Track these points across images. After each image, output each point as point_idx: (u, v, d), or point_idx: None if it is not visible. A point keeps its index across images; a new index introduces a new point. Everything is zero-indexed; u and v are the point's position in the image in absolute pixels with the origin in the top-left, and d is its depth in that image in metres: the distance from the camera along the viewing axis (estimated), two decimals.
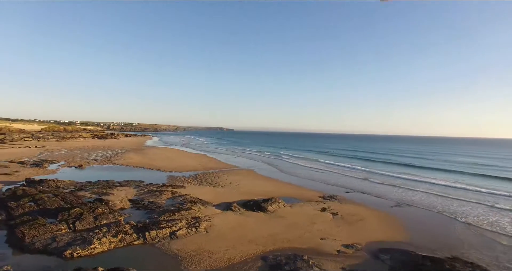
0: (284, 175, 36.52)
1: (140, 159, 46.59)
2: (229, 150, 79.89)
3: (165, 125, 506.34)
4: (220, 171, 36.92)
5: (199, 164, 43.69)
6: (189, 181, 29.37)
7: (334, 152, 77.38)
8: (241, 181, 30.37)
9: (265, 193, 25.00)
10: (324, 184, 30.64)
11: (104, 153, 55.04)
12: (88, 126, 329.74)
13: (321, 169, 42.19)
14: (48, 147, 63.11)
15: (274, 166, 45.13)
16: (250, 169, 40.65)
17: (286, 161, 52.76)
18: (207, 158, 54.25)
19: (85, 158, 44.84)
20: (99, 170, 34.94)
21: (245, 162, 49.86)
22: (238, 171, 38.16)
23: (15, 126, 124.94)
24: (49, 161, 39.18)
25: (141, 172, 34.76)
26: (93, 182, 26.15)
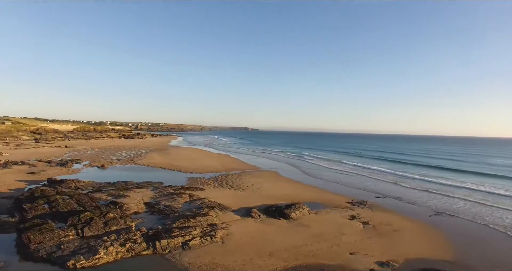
0: (308, 177, 34.59)
1: (162, 159, 46.44)
2: (252, 150, 78.70)
3: (191, 125, 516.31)
4: (242, 173, 35.67)
5: (221, 164, 42.74)
6: (209, 183, 28.33)
7: (360, 153, 73.83)
8: (263, 183, 28.90)
9: (288, 197, 23.39)
10: (351, 188, 28.44)
11: (128, 152, 55.70)
12: (117, 126, 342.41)
13: (347, 171, 39.75)
14: (76, 146, 65.09)
15: (297, 167, 43.25)
16: (272, 170, 39.09)
17: (310, 162, 50.61)
18: (230, 158, 53.30)
19: (109, 158, 45.34)
20: (120, 170, 34.88)
21: (267, 163, 48.35)
22: (261, 172, 36.73)
23: (50, 126, 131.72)
24: (74, 161, 39.83)
25: (161, 172, 34.28)
26: (112, 183, 25.78)
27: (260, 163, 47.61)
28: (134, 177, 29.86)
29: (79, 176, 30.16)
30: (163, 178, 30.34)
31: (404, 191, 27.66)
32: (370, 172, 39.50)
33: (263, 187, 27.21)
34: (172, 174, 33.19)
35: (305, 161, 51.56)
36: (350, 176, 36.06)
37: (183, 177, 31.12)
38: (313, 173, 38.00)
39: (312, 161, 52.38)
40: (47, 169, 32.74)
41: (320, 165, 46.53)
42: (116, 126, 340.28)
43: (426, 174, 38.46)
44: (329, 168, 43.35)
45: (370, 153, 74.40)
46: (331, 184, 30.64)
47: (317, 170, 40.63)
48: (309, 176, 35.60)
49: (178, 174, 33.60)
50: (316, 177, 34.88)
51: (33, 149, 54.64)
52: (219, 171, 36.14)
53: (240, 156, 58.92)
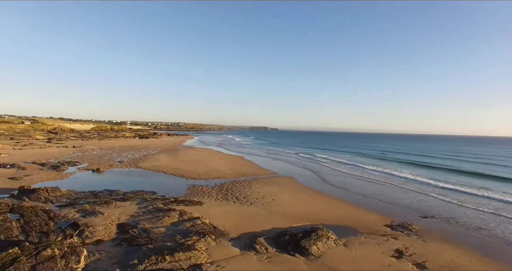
0: (329, 186, 29.13)
1: (168, 161, 42.39)
2: (268, 151, 73.48)
3: (210, 125, 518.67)
4: (253, 179, 30.81)
5: (231, 168, 38.08)
6: (211, 193, 23.62)
7: (384, 155, 66.22)
8: (276, 194, 23.87)
9: (307, 215, 18.31)
10: (384, 203, 22.80)
11: (135, 153, 52.23)
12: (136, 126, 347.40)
13: (374, 179, 33.76)
14: (85, 146, 62.61)
15: (316, 172, 37.75)
16: (288, 176, 33.91)
17: (330, 167, 44.60)
18: (242, 161, 48.57)
19: (111, 160, 41.78)
20: (116, 174, 30.93)
21: (283, 166, 43.17)
22: (275, 179, 31.68)
23: (68, 126, 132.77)
24: (71, 163, 36.44)
25: (161, 178, 30.02)
26: (96, 193, 21.70)
27: (275, 166, 42.51)
28: (127, 184, 25.82)
29: (66, 182, 26.39)
30: (160, 185, 26.09)
31: (455, 209, 21.62)
32: (400, 180, 33.33)
33: (276, 199, 22.18)
34: (172, 180, 28.83)
35: (324, 165, 45.76)
36: (377, 185, 30.26)
37: (184, 185, 26.63)
38: (334, 180, 32.50)
39: (332, 165, 46.56)
40: (35, 173, 29.27)
41: (341, 170, 40.65)
42: (136, 126, 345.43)
43: (470, 183, 31.88)
44: (351, 174, 37.42)
45: (395, 155, 66.99)
46: (357, 196, 25.14)
47: (338, 176, 35.03)
48: (330, 184, 30.07)
49: (179, 180, 29.18)
50: (338, 186, 29.39)
51: (38, 149, 52.28)
52: (227, 177, 31.43)
53: (254, 158, 54.04)
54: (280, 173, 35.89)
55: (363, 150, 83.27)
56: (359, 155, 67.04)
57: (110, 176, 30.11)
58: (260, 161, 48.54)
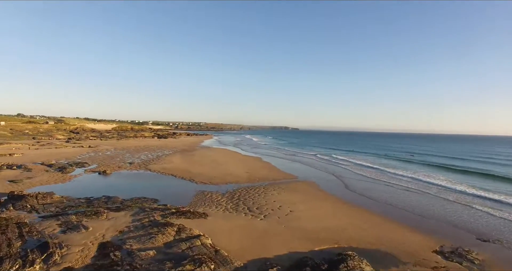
0: (355, 194, 25.32)
1: (181, 163, 40.09)
2: (288, 152, 69.97)
3: (231, 124, 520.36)
4: (270, 184, 27.69)
5: (246, 171, 35.15)
6: (220, 202, 20.71)
7: (414, 158, 60.44)
8: (295, 204, 20.63)
9: (332, 233, 14.99)
10: (423, 218, 18.92)
11: (149, 154, 50.51)
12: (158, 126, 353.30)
13: (405, 187, 29.41)
14: (101, 146, 61.93)
15: (339, 177, 33.98)
16: (308, 181, 30.47)
17: (354, 171, 40.22)
18: (260, 162, 45.54)
19: (122, 161, 40.03)
20: (121, 178, 28.80)
21: (303, 169, 39.69)
22: (294, 184, 28.38)
23: (89, 126, 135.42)
24: (81, 164, 34.93)
25: (168, 182, 27.55)
26: (91, 200, 19.40)
27: (294, 169, 39.12)
28: (130, 189, 23.57)
29: (66, 185, 24.47)
30: (165, 191, 23.57)
31: None
32: (436, 188, 28.67)
33: (295, 211, 18.94)
34: (179, 185, 26.24)
35: (346, 168, 41.63)
36: (410, 194, 26.13)
37: (191, 191, 23.93)
38: (359, 186, 28.70)
39: (355, 168, 42.37)
40: (39, 175, 27.66)
41: (366, 174, 36.41)
42: (157, 126, 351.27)
43: None
44: (378, 179, 33.23)
45: (424, 158, 61.08)
46: (389, 207, 21.36)
47: (363, 182, 31.13)
48: (355, 192, 26.24)
49: (188, 185, 26.54)
50: (364, 194, 25.58)
51: (54, 149, 51.78)
52: (240, 182, 28.48)
53: (272, 159, 50.81)
54: (299, 177, 32.51)
55: (388, 151, 77.70)
56: (384, 157, 61.82)
57: (115, 179, 28.00)
58: (279, 163, 45.27)
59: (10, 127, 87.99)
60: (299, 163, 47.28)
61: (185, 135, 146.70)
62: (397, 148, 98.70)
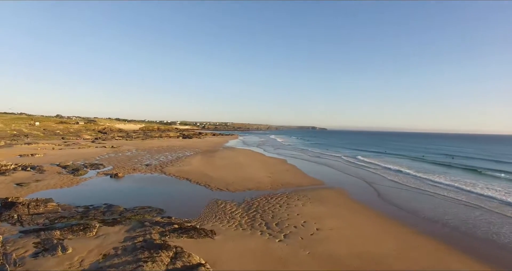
0: (393, 207, 21.15)
1: (199, 166, 37.77)
2: (314, 154, 65.67)
3: (257, 124, 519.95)
4: (294, 191, 24.35)
5: (269, 175, 32.05)
6: (234, 214, 17.70)
7: (453, 162, 52.71)
8: (322, 219, 17.16)
9: (373, 264, 11.46)
10: (494, 245, 14.78)
11: (169, 155, 48.90)
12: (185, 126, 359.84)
13: (452, 198, 24.46)
14: (124, 146, 61.59)
15: (371, 183, 29.64)
16: (337, 188, 26.68)
17: (388, 176, 34.73)
18: (284, 165, 42.18)
19: (139, 163, 38.44)
20: (132, 182, 26.75)
21: (330, 174, 35.81)
22: (321, 192, 24.79)
23: (117, 126, 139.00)
24: (96, 165, 33.65)
25: (181, 187, 25.07)
26: (89, 209, 17.21)
27: (321, 173, 35.35)
28: (136, 195, 21.40)
29: (71, 190, 22.69)
30: (175, 198, 21.11)
31: None
32: (491, 202, 23.24)
33: (323, 229, 15.49)
34: (193, 192, 23.63)
35: (379, 174, 36.47)
36: (461, 208, 21.41)
37: (205, 198, 21.19)
38: (396, 196, 24.40)
39: (389, 173, 37.24)
40: (48, 178, 26.29)
41: (403, 182, 31.09)
42: (184, 126, 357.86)
43: None
44: (417, 188, 28.04)
45: (467, 161, 53.44)
46: (439, 227, 17.19)
47: (401, 191, 26.60)
48: (393, 204, 21.81)
49: (202, 191, 23.85)
50: (404, 206, 21.26)
51: (77, 150, 51.74)
52: (261, 188, 25.39)
53: (297, 161, 47.22)
54: (327, 183, 28.81)
55: (423, 153, 70.80)
56: (420, 160, 55.10)
57: (125, 183, 25.99)
58: (304, 166, 41.64)
59: (43, 128, 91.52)
60: (326, 166, 43.27)
61: (210, 135, 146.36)
62: (433, 149, 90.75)
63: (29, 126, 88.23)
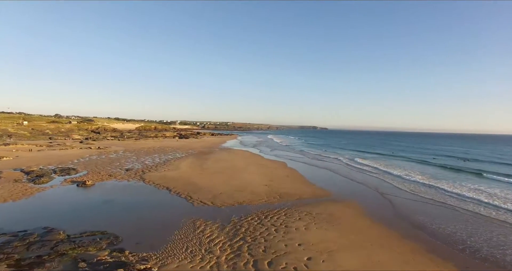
0: (417, 231, 16.66)
1: (187, 170, 33.32)
2: (316, 156, 60.99)
3: (258, 124, 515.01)
4: (295, 206, 19.86)
5: (266, 183, 27.60)
6: (213, 246, 13.11)
7: (469, 166, 47.69)
8: (333, 253, 12.58)
9: None
10: None
11: (157, 157, 44.47)
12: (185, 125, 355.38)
13: (479, 214, 20.09)
14: (111, 148, 57.19)
15: (383, 194, 24.91)
16: (346, 201, 22.09)
17: (400, 185, 29.26)
18: (284, 169, 37.70)
19: (119, 167, 34.01)
20: (100, 192, 22.26)
21: (336, 181, 31.27)
22: (327, 206, 20.22)
23: (112, 125, 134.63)
24: (67, 171, 29.24)
25: (156, 200, 20.55)
26: (17, 237, 12.76)
27: (325, 180, 30.84)
28: (95, 213, 17.04)
29: (16, 205, 18.22)
30: (143, 217, 16.59)
31: None
32: None
33: (335, 265, 11.00)
34: (168, 207, 19.05)
35: (390, 181, 31.38)
36: (494, 227, 17.08)
37: (181, 217, 16.65)
38: (420, 213, 19.72)
39: (402, 181, 32.15)
40: None
41: (421, 193, 26.17)
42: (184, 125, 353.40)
43: None
44: (440, 201, 23.21)
45: (485, 165, 48.32)
46: (480, 256, 12.75)
47: (424, 206, 21.83)
48: (420, 229, 17.20)
49: (181, 205, 19.34)
50: (429, 225, 16.86)
51: (57, 151, 47.38)
52: (255, 201, 20.87)
53: (298, 165, 42.71)
54: (333, 193, 24.26)
55: (434, 156, 66.03)
56: (431, 164, 49.53)
57: (89, 195, 21.49)
58: (306, 171, 37.14)
59: (32, 127, 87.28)
60: (329, 170, 38.60)
61: (208, 135, 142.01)
62: (441, 150, 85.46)
63: (17, 126, 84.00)
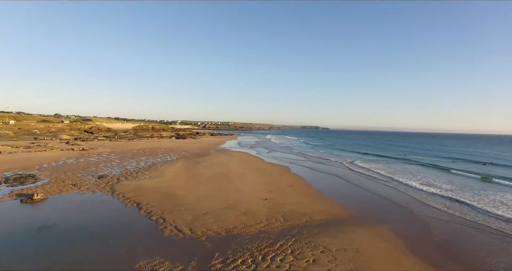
0: None
1: (173, 178, 28.02)
2: (322, 160, 55.49)
3: (260, 124, 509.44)
4: (304, 233, 14.48)
5: (266, 196, 22.29)
6: None
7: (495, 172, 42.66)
8: None
9: None
10: None
11: (143, 161, 39.20)
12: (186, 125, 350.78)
13: None
14: (97, 149, 51.97)
15: (418, 214, 19.79)
16: (375, 225, 16.63)
17: (431, 202, 24.31)
18: (287, 176, 32.31)
19: (93, 173, 28.75)
20: (49, 210, 16.91)
21: (349, 192, 25.79)
22: (349, 234, 14.76)
23: (106, 125, 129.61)
24: (23, 179, 23.96)
25: (120, 220, 15.19)
26: None
27: (338, 191, 25.41)
28: (17, 248, 11.44)
29: None
30: (83, 257, 11.14)
31: None
32: None
33: None
34: (130, 234, 13.66)
35: (417, 197, 25.39)
36: None
37: (139, 257, 11.32)
38: (477, 246, 14.51)
39: (432, 195, 26.35)
40: None
41: (461, 214, 21.01)
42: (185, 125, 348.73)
43: None
44: (482, 223, 18.46)
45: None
46: None
47: (475, 233, 16.58)
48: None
49: (148, 231, 13.94)
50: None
51: (32, 154, 42.11)
52: (250, 226, 15.42)
53: (302, 170, 37.27)
54: (353, 212, 18.78)
55: (451, 159, 60.27)
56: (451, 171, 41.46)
57: (27, 216, 16.10)
58: (312, 178, 31.75)
59: (18, 127, 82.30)
60: (340, 178, 32.91)
61: (208, 135, 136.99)
62: (457, 152, 79.20)
63: (1, 125, 79.00)
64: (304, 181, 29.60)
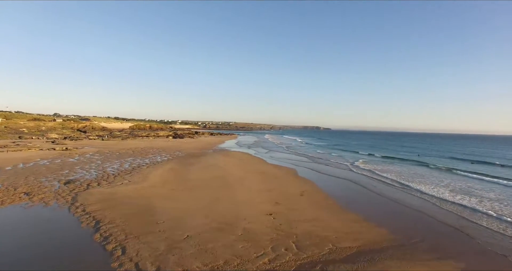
0: None
1: (156, 184, 23.17)
2: (329, 162, 50.38)
3: (260, 124, 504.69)
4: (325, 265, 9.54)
5: (272, 209, 17.49)
6: None
7: None
8: None
9: None
10: None
11: (129, 162, 34.43)
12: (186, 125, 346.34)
13: None
14: (84, 148, 47.29)
15: (482, 243, 15.07)
16: (438, 259, 11.76)
17: (489, 226, 20.70)
18: (295, 182, 27.36)
19: (61, 177, 23.94)
20: None
21: (378, 204, 20.82)
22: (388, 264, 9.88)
23: (101, 124, 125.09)
24: None
25: (61, 252, 10.28)
26: None
27: (362, 203, 20.43)
28: None
29: None
30: None
31: None
32: None
33: None
34: None
35: (461, 214, 20.79)
36: None
37: None
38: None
39: (482, 214, 21.90)
40: None
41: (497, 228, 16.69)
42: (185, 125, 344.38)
43: None
44: None
45: None
46: None
47: None
48: None
49: None
50: None
51: (5, 153, 37.36)
52: (248, 261, 10.55)
53: (311, 175, 32.36)
54: (389, 234, 13.87)
55: (470, 161, 55.09)
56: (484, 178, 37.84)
57: None
58: (325, 182, 26.86)
59: (5, 125, 77.69)
60: (355, 183, 27.75)
61: (207, 135, 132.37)
62: (473, 154, 73.91)
63: None
64: (317, 187, 24.63)
